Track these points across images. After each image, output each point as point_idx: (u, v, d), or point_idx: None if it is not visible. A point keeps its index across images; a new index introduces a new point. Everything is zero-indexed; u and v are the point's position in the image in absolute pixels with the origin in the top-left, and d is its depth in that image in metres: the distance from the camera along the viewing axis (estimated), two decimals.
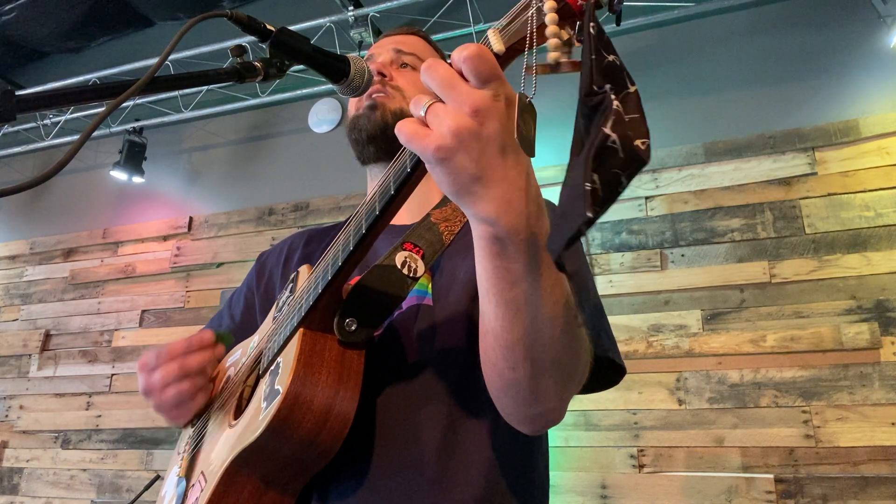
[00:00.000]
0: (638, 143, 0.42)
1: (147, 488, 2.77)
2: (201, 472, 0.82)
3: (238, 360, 0.97)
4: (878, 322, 2.37)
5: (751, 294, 2.56)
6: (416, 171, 0.60)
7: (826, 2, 2.81)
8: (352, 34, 3.35)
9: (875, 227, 2.47)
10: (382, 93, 0.99)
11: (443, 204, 0.93)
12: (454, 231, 0.88)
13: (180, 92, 3.89)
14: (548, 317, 0.58)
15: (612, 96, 0.43)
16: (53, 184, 4.31)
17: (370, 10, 3.27)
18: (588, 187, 0.41)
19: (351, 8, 3.30)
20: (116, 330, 3.77)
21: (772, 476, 2.33)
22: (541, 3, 0.49)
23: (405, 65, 1.04)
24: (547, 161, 2.96)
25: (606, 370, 0.78)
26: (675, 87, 2.94)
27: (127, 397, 3.60)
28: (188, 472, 0.88)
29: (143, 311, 3.74)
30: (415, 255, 0.82)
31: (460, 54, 0.49)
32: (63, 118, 4.21)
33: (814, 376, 2.39)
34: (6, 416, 3.85)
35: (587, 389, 0.74)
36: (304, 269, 0.91)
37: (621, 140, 0.42)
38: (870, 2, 2.66)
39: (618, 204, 3.21)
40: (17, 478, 3.67)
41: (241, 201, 3.75)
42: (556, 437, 2.62)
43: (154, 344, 3.62)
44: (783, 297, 2.51)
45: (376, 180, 1.04)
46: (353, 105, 1.04)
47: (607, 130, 0.42)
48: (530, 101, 0.50)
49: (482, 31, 3.05)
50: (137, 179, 3.86)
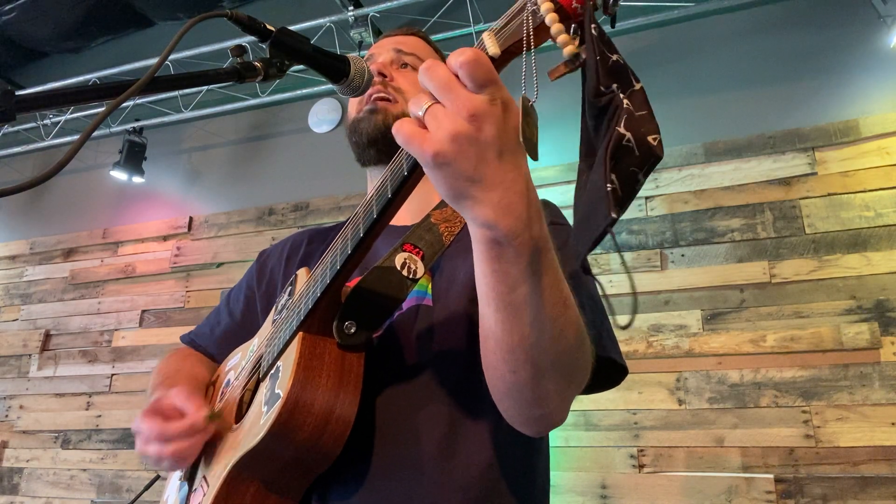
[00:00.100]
0: (650, 139, 0.42)
1: (147, 488, 2.77)
2: (203, 476, 0.82)
3: (238, 363, 0.97)
4: (878, 322, 2.36)
5: (751, 294, 2.56)
6: (413, 175, 0.60)
7: (826, 2, 2.81)
8: (352, 34, 3.34)
9: (875, 227, 2.46)
10: (384, 94, 0.99)
11: (443, 205, 0.93)
12: (454, 232, 0.88)
13: (180, 92, 3.88)
14: (548, 319, 0.58)
15: (621, 95, 0.43)
16: (53, 184, 4.31)
17: (370, 10, 3.27)
18: (609, 188, 0.41)
19: (351, 8, 3.29)
20: (116, 330, 3.77)
21: (772, 476, 2.33)
22: (535, 5, 0.49)
23: (405, 65, 1.04)
24: (547, 161, 2.96)
25: (608, 370, 0.78)
26: (675, 87, 2.94)
27: (127, 397, 3.59)
28: (190, 477, 0.88)
29: (143, 311, 3.73)
30: (414, 257, 0.81)
31: (456, 59, 0.49)
32: (63, 118, 4.20)
33: (814, 376, 2.39)
34: (6, 416, 3.85)
35: (589, 390, 0.74)
36: (302, 272, 0.90)
37: (635, 138, 0.42)
38: (870, 2, 2.66)
39: None
40: (17, 478, 3.67)
41: (241, 201, 3.75)
42: (556, 437, 2.62)
43: (154, 344, 3.62)
44: (783, 297, 2.51)
45: (375, 182, 1.03)
46: (353, 107, 1.04)
47: (622, 130, 0.42)
48: (532, 104, 0.49)
49: (482, 32, 3.04)
50: (137, 179, 3.86)
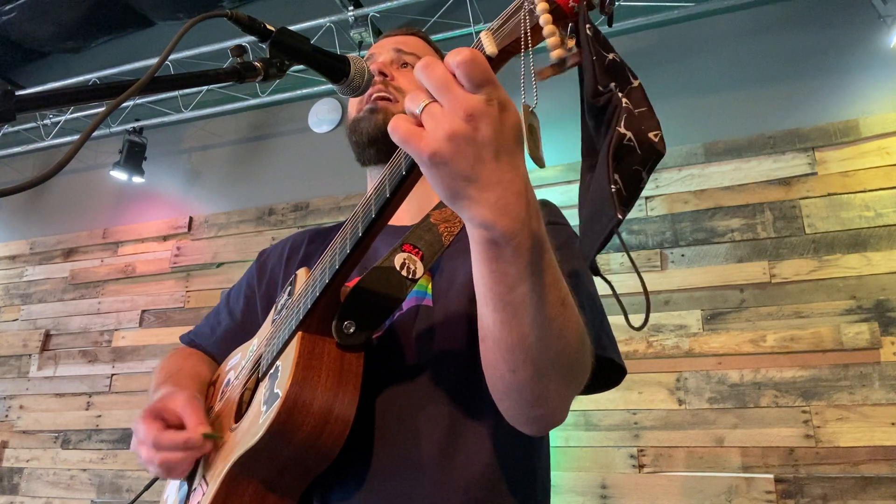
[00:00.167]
0: (651, 135, 0.42)
1: (147, 488, 2.75)
2: (203, 475, 0.82)
3: (238, 363, 0.97)
4: (878, 322, 2.36)
5: (751, 294, 2.56)
6: (411, 174, 0.60)
7: (826, 2, 2.81)
8: (352, 34, 3.34)
9: (875, 227, 2.46)
10: (384, 93, 0.99)
11: (442, 205, 0.93)
12: (454, 232, 0.88)
13: (180, 92, 3.88)
14: (547, 318, 0.58)
15: (619, 94, 0.43)
16: (53, 184, 4.31)
17: (370, 10, 3.27)
18: (613, 189, 0.41)
19: (351, 8, 3.29)
20: (116, 330, 3.77)
21: (772, 476, 2.32)
22: (532, 4, 0.49)
23: (406, 64, 1.03)
24: (548, 161, 2.95)
25: (607, 370, 0.78)
26: (675, 87, 2.94)
27: (127, 397, 3.59)
28: (190, 476, 0.88)
29: (143, 311, 3.73)
30: (414, 257, 0.81)
31: (454, 59, 0.49)
32: (63, 118, 4.20)
33: (814, 376, 2.39)
34: (6, 416, 3.85)
35: (588, 390, 0.74)
36: (302, 272, 0.90)
37: (636, 136, 0.42)
38: (870, 2, 2.66)
39: None
40: (17, 478, 3.67)
41: (241, 201, 3.75)
42: (556, 437, 2.62)
43: (154, 344, 3.62)
44: (783, 297, 2.51)
45: (374, 182, 1.03)
46: (353, 106, 1.04)
47: (622, 129, 0.42)
48: (533, 111, 0.49)
49: (482, 32, 3.04)
50: (137, 179, 3.86)
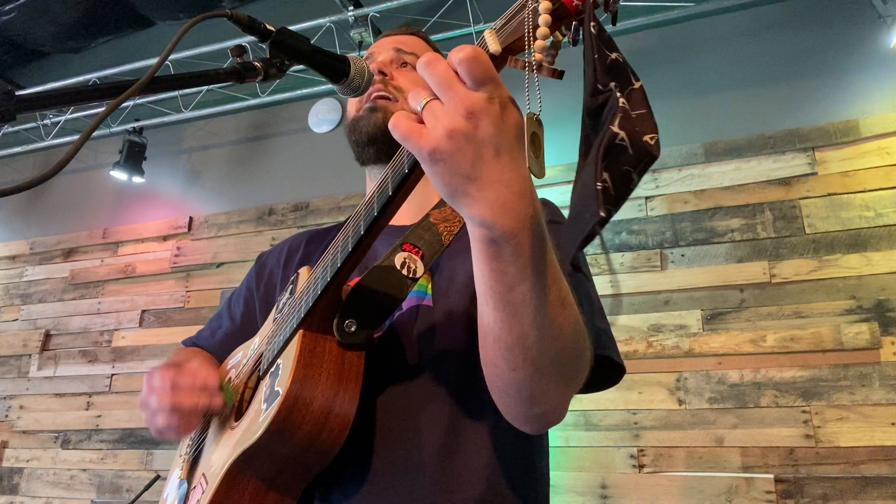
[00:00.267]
0: (647, 138, 0.42)
1: (147, 488, 2.77)
2: (202, 473, 0.82)
3: (239, 361, 0.97)
4: (878, 322, 2.36)
5: (751, 294, 2.56)
6: (414, 172, 0.60)
7: (826, 2, 2.81)
8: (352, 34, 3.34)
9: (875, 227, 2.46)
10: (384, 92, 0.98)
11: (442, 204, 0.93)
12: (453, 231, 0.88)
13: (180, 92, 3.88)
14: (548, 318, 0.58)
15: (618, 94, 0.43)
16: (53, 184, 4.31)
17: (370, 10, 3.27)
18: (599, 186, 0.41)
19: (351, 8, 3.29)
20: (116, 330, 3.77)
21: (772, 476, 2.32)
22: (536, 2, 0.49)
23: (405, 64, 1.03)
24: (548, 161, 2.95)
25: (607, 369, 0.78)
26: (675, 87, 2.94)
27: (127, 397, 3.59)
28: (189, 475, 0.88)
29: (143, 311, 3.73)
30: (414, 256, 0.82)
31: (456, 56, 0.49)
32: (63, 118, 4.21)
33: (814, 376, 2.39)
34: (6, 416, 3.85)
35: (587, 389, 0.74)
36: (303, 271, 0.90)
37: (629, 137, 0.42)
38: (870, 2, 2.66)
39: None
40: (17, 478, 3.67)
41: (241, 201, 3.75)
42: (556, 437, 2.62)
43: (154, 344, 3.62)
44: (783, 297, 2.51)
45: (375, 181, 1.03)
46: (352, 106, 1.03)
47: (615, 128, 0.42)
48: (538, 119, 0.49)
49: (482, 32, 3.04)
50: (137, 179, 3.86)
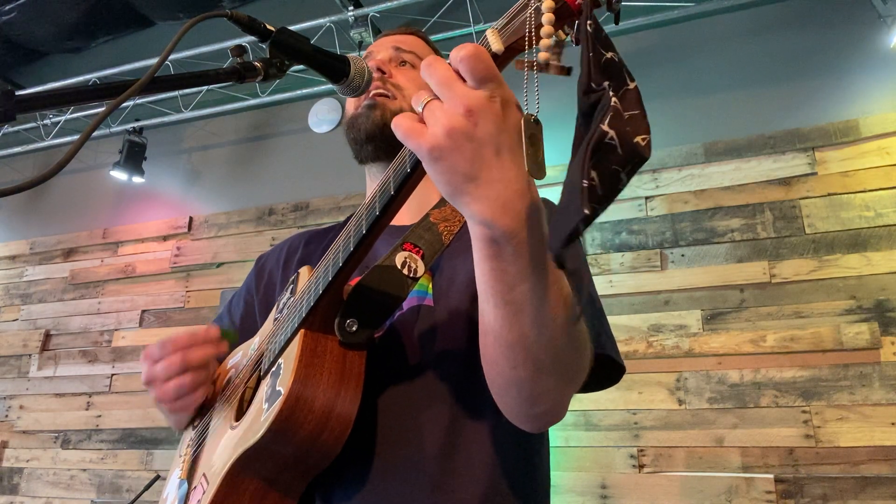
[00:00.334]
0: (638, 139, 0.42)
1: (147, 488, 2.77)
2: (203, 474, 0.82)
3: (239, 361, 0.97)
4: (878, 322, 2.36)
5: (751, 294, 2.56)
6: (416, 171, 0.60)
7: (826, 2, 2.81)
8: (352, 34, 3.34)
9: (875, 227, 2.47)
10: (382, 90, 0.98)
11: (442, 204, 0.93)
12: (453, 231, 0.88)
13: (180, 92, 3.89)
14: (548, 316, 0.58)
15: (611, 93, 0.43)
16: (53, 184, 4.31)
17: (370, 10, 3.27)
18: (586, 184, 0.41)
19: (351, 8, 3.29)
20: (116, 330, 3.77)
21: (772, 476, 2.33)
22: (539, 2, 0.49)
23: (404, 62, 1.03)
24: (548, 161, 2.95)
25: (607, 369, 0.78)
26: (675, 87, 2.94)
27: (127, 397, 3.59)
28: (190, 475, 0.88)
29: (143, 311, 3.73)
30: (415, 256, 0.81)
31: (457, 54, 0.49)
32: (63, 118, 4.21)
33: (814, 376, 2.39)
34: (6, 416, 3.85)
35: (587, 388, 0.74)
36: (304, 271, 0.90)
37: (619, 137, 0.41)
38: (870, 2, 2.66)
39: (618, 204, 3.18)
40: (17, 478, 3.67)
41: (241, 201, 3.75)
42: (556, 437, 2.62)
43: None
44: (783, 297, 2.51)
45: (375, 180, 1.03)
46: (351, 104, 1.03)
47: (605, 127, 0.42)
48: (536, 119, 0.49)
49: (482, 32, 3.05)
50: (137, 179, 3.86)
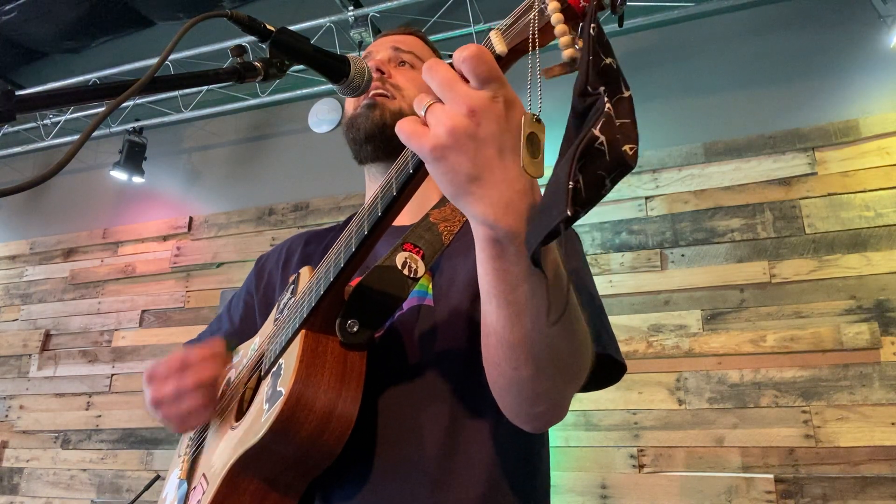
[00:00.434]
0: (626, 148, 0.42)
1: (147, 488, 2.77)
2: (203, 474, 0.82)
3: (239, 362, 0.97)
4: (878, 322, 2.37)
5: (751, 294, 2.56)
6: (419, 172, 0.60)
7: (826, 2, 2.81)
8: (352, 34, 3.34)
9: (875, 227, 2.47)
10: (381, 90, 0.98)
11: (441, 204, 0.93)
12: (453, 231, 0.88)
13: (180, 92, 3.88)
14: (550, 317, 0.58)
15: (606, 99, 0.43)
16: (53, 184, 4.31)
17: (370, 10, 3.27)
18: (571, 186, 0.41)
19: (351, 8, 3.29)
20: (116, 330, 3.77)
21: (772, 476, 2.33)
22: (543, 4, 0.49)
23: (403, 63, 1.03)
24: (548, 161, 2.95)
25: (607, 368, 0.78)
26: (675, 87, 2.94)
27: (127, 397, 3.59)
28: (189, 475, 0.88)
29: (143, 311, 3.73)
30: (415, 256, 0.81)
31: (460, 54, 0.49)
32: (63, 118, 4.21)
33: (814, 376, 2.39)
34: (6, 416, 3.85)
35: (588, 387, 0.74)
36: (305, 271, 0.90)
37: (609, 143, 0.42)
38: (870, 2, 2.66)
39: (618, 204, 3.17)
40: (17, 478, 3.66)
41: (241, 201, 3.75)
42: (556, 437, 2.62)
43: (154, 344, 3.62)
44: (783, 297, 2.51)
45: (374, 180, 1.03)
46: (351, 104, 1.03)
47: (596, 132, 0.42)
48: (538, 119, 0.49)
49: (482, 32, 3.05)
50: (137, 179, 3.86)
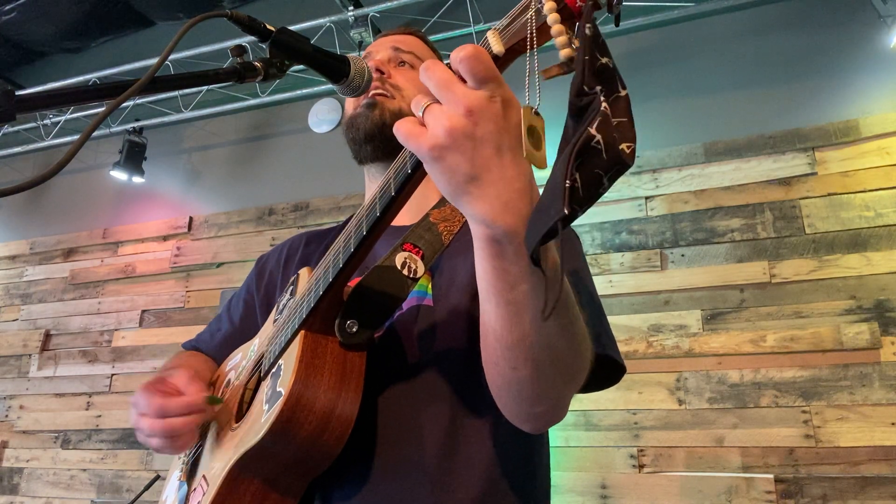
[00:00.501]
0: (623, 146, 0.42)
1: (147, 488, 2.77)
2: (203, 475, 0.82)
3: (238, 363, 0.97)
4: (878, 322, 2.36)
5: (751, 294, 2.56)
6: (417, 172, 0.60)
7: (826, 2, 2.81)
8: (352, 34, 3.34)
9: (875, 227, 2.47)
10: (381, 90, 0.98)
11: (441, 204, 0.93)
12: (453, 231, 0.88)
13: (180, 92, 3.88)
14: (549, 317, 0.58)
15: (602, 98, 0.43)
16: (53, 184, 4.31)
17: (370, 10, 3.27)
18: (568, 185, 0.41)
19: (351, 8, 3.29)
20: (116, 330, 3.76)
21: (772, 476, 2.33)
22: (540, 4, 0.49)
23: (403, 63, 1.03)
24: (549, 161, 2.95)
25: (607, 369, 0.78)
26: (675, 87, 2.94)
27: (127, 397, 3.59)
28: (189, 477, 0.88)
29: (143, 311, 3.73)
30: (414, 256, 0.81)
31: (457, 55, 0.49)
32: (63, 118, 4.20)
33: (814, 376, 2.39)
34: (6, 416, 3.85)
35: (587, 388, 0.74)
36: (304, 272, 0.90)
37: (605, 142, 0.42)
38: (870, 2, 2.66)
39: (618, 204, 3.17)
40: (17, 478, 3.66)
41: (241, 201, 3.75)
42: (556, 437, 2.62)
43: (154, 344, 3.62)
44: (783, 297, 2.51)
45: (374, 180, 1.03)
46: (350, 104, 1.03)
47: (592, 131, 0.42)
48: (537, 112, 0.49)
49: (482, 32, 3.05)
50: (137, 179, 3.86)
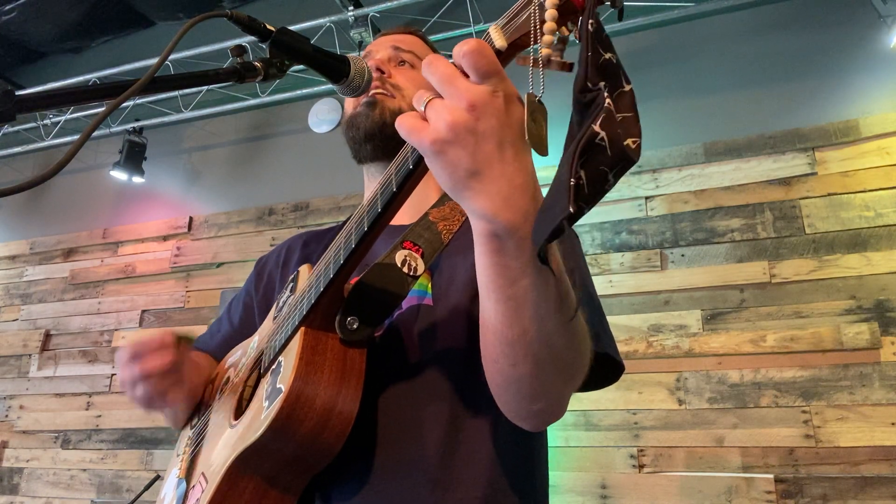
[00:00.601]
0: (629, 141, 0.42)
1: (147, 488, 2.77)
2: (202, 472, 0.82)
3: (238, 360, 0.97)
4: (878, 322, 2.36)
5: (751, 294, 2.56)
6: (418, 168, 0.60)
7: (826, 2, 2.81)
8: (352, 34, 3.35)
9: (875, 227, 2.47)
10: (381, 90, 0.98)
11: (441, 203, 0.93)
12: (453, 230, 0.88)
13: (180, 92, 3.89)
14: (549, 313, 0.58)
15: (606, 94, 0.43)
16: (53, 184, 4.31)
17: (370, 10, 3.27)
18: (573, 182, 0.41)
19: (351, 8, 3.30)
20: (116, 330, 3.77)
21: (772, 476, 2.33)
22: None
23: (403, 62, 1.03)
24: (546, 161, 2.95)
25: (606, 367, 0.78)
26: (675, 87, 2.94)
27: (127, 397, 3.59)
28: (188, 474, 0.88)
29: (143, 311, 3.73)
30: (414, 254, 0.81)
31: (460, 49, 0.49)
32: (63, 118, 4.21)
33: (814, 376, 2.39)
34: (6, 416, 3.85)
35: (587, 387, 0.74)
36: (304, 269, 0.90)
37: (610, 138, 0.42)
38: (870, 2, 2.66)
39: (618, 204, 3.17)
40: (17, 478, 3.66)
41: (241, 201, 3.75)
42: (556, 437, 2.62)
43: None
44: (783, 297, 2.51)
45: (374, 180, 1.03)
46: (350, 103, 1.03)
47: (596, 128, 0.42)
48: (540, 100, 0.49)
49: (482, 32, 3.05)
50: (137, 179, 3.86)
